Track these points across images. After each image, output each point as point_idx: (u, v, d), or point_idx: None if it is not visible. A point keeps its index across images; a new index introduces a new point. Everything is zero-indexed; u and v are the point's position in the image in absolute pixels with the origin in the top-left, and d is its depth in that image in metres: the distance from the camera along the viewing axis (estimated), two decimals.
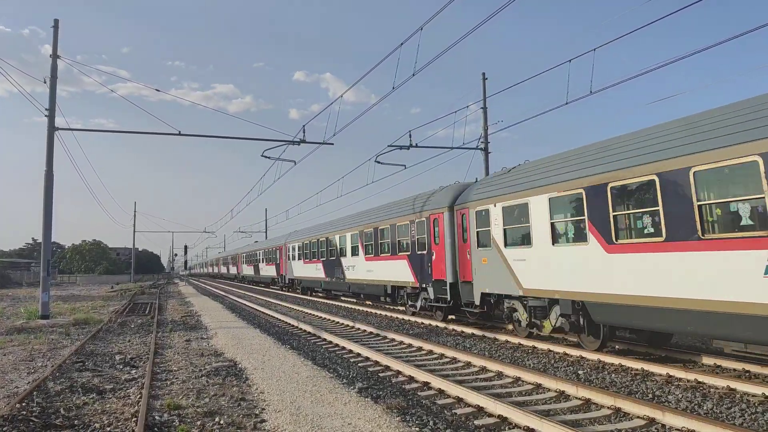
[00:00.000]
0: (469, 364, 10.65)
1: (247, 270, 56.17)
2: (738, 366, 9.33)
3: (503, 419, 6.89)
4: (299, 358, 10.78)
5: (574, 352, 11.13)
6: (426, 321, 17.67)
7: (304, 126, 22.27)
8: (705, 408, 7.33)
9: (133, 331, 16.89)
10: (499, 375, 9.69)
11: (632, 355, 10.85)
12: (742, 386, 8.07)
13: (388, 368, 10.39)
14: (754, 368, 9.06)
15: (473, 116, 39.60)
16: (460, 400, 7.88)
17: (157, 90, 42.95)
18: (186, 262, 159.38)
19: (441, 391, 8.44)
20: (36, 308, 21.55)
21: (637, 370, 9.58)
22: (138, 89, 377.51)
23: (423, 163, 62.38)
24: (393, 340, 14.16)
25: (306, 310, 23.17)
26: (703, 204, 8.36)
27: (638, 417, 6.89)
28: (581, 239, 10.81)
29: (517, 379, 9.22)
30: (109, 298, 36.87)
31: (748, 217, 7.77)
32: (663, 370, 9.22)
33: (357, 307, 23.93)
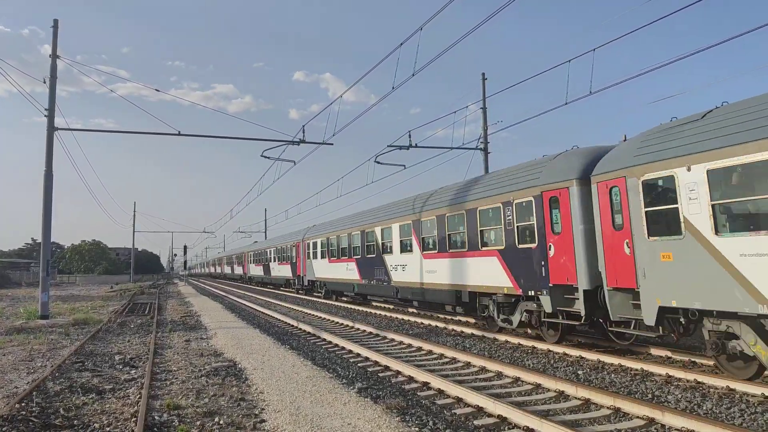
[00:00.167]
0: (468, 364, 10.66)
1: (255, 270, 50.75)
2: None
3: (503, 419, 6.90)
4: (299, 359, 10.78)
5: (573, 353, 11.13)
6: (428, 322, 17.61)
7: (303, 126, 22.35)
8: (704, 408, 7.34)
9: (132, 331, 16.89)
10: (499, 375, 9.70)
11: (631, 355, 10.86)
12: (741, 386, 8.09)
13: (387, 368, 10.40)
14: None
15: (473, 116, 39.56)
16: (459, 400, 7.89)
17: (156, 90, 42.97)
18: (185, 262, 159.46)
19: (441, 391, 8.45)
20: (35, 308, 21.54)
21: (636, 370, 9.59)
22: (138, 89, 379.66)
23: (422, 164, 62.40)
24: (393, 340, 14.17)
25: (306, 311, 23.18)
26: None
27: (638, 417, 6.89)
28: None
29: (517, 379, 9.23)
30: (109, 298, 36.87)
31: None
32: (662, 370, 9.23)
33: (357, 308, 23.95)
